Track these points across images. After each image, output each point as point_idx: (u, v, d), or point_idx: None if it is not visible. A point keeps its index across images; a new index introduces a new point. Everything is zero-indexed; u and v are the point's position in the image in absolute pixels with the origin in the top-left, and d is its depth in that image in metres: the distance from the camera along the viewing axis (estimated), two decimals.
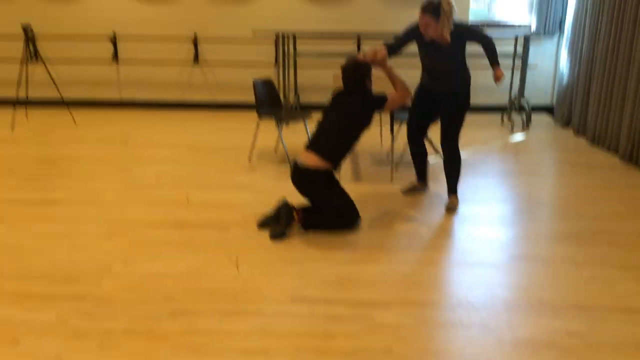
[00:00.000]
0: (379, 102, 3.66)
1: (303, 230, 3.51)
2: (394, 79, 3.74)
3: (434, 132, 4.91)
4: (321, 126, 3.59)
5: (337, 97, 3.70)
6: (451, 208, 3.90)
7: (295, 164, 3.51)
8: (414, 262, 3.13)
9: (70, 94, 7.28)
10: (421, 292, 2.83)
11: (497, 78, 3.57)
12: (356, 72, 3.61)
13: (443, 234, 3.52)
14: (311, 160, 3.45)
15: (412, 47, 3.80)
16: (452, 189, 3.94)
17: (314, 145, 3.50)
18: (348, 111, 3.57)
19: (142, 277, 2.94)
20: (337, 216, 3.54)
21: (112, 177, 4.55)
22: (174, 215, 3.78)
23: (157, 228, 3.57)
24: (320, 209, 3.56)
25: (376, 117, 6.88)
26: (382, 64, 3.65)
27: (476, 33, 3.58)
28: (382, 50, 3.60)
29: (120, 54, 7.15)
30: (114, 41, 7.06)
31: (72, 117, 6.70)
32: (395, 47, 3.68)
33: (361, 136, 3.63)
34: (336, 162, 3.53)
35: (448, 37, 3.49)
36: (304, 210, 3.52)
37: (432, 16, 3.44)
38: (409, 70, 4.80)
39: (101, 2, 6.95)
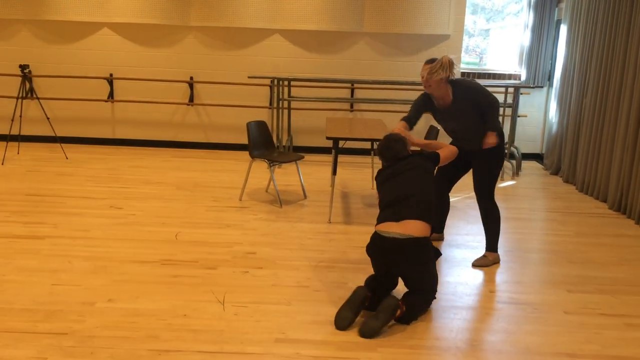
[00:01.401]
0: (436, 159, 3.33)
1: (404, 325, 2.91)
2: (431, 145, 3.56)
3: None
4: (395, 193, 3.08)
5: (390, 167, 3.24)
6: (481, 264, 3.73)
7: (387, 238, 2.92)
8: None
9: (64, 131, 7.31)
10: (408, 335, 2.79)
11: (486, 143, 3.58)
12: (399, 140, 3.29)
13: None
14: (413, 228, 2.91)
15: None
16: (491, 246, 3.78)
17: (402, 212, 2.97)
18: (418, 170, 3.16)
19: (126, 314, 2.88)
20: (431, 293, 3.06)
21: (100, 213, 4.53)
22: (162, 252, 3.75)
23: (144, 265, 3.52)
24: (417, 290, 3.02)
25: (367, 159, 6.94)
26: (411, 142, 3.47)
27: (482, 95, 3.53)
28: (403, 129, 3.58)
29: (115, 94, 7.24)
30: (110, 81, 7.16)
31: (64, 153, 6.71)
32: (412, 119, 3.71)
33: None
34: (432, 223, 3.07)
35: (450, 94, 3.52)
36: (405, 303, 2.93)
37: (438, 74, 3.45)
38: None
39: (100, 45, 7.08)
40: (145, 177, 5.73)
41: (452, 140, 3.83)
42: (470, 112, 3.56)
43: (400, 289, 3.20)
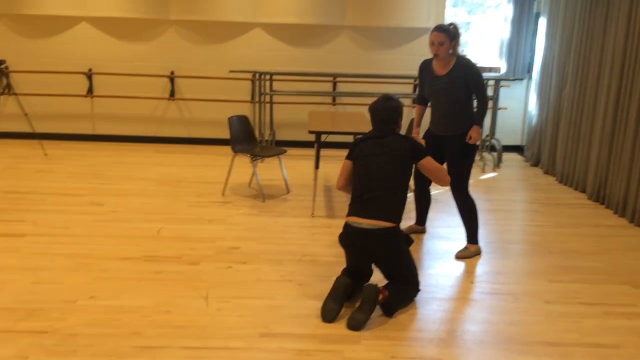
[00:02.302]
0: (421, 156, 3.14)
1: (387, 316, 2.93)
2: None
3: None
4: (366, 182, 3.04)
5: (371, 139, 3.15)
6: (464, 256, 3.77)
7: (356, 227, 2.97)
8: None
9: (42, 127, 7.20)
10: (391, 327, 2.81)
11: (471, 137, 3.63)
12: (397, 108, 3.15)
13: None
14: (380, 220, 2.93)
15: None
16: (471, 238, 3.81)
17: (370, 210, 2.96)
18: (395, 162, 3.04)
19: (108, 311, 2.86)
20: (413, 284, 3.09)
21: (81, 210, 4.47)
22: (144, 248, 3.72)
23: (126, 261, 3.50)
24: (396, 278, 3.06)
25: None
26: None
27: (478, 84, 3.62)
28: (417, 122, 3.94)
29: (95, 89, 7.14)
30: (89, 76, 7.06)
31: (43, 149, 6.62)
32: (423, 97, 3.91)
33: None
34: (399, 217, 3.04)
35: (451, 63, 3.61)
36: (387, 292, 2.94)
37: (447, 35, 3.55)
38: None
39: (79, 40, 6.97)
40: (126, 174, 5.67)
41: (430, 122, 3.86)
42: (461, 88, 3.62)
43: (378, 279, 3.22)
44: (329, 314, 2.84)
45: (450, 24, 3.62)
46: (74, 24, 6.95)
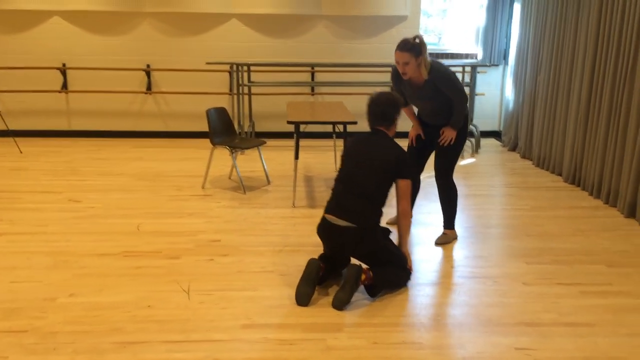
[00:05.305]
0: (405, 175, 3.08)
1: (370, 297, 3.00)
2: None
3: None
4: (348, 182, 3.04)
5: (362, 140, 3.14)
6: (443, 242, 3.79)
7: (333, 224, 2.99)
8: None
9: (17, 124, 7.07)
10: (373, 313, 2.84)
11: (443, 136, 3.60)
12: (395, 104, 3.13)
13: None
14: (355, 221, 2.96)
15: None
16: (448, 224, 3.84)
17: (345, 212, 2.98)
18: (379, 170, 3.02)
19: (88, 308, 2.84)
20: (403, 269, 3.11)
21: (58, 207, 4.42)
22: (123, 244, 3.69)
23: (105, 258, 3.47)
24: (380, 266, 3.06)
25: (329, 142, 6.96)
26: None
27: (450, 90, 3.50)
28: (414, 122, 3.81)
29: (69, 84, 7.03)
30: (63, 71, 6.94)
31: (18, 147, 6.51)
32: (404, 97, 3.74)
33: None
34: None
35: (425, 75, 3.46)
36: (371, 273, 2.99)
37: (411, 54, 3.38)
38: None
39: (51, 34, 6.84)
40: (104, 169, 5.61)
41: (418, 112, 3.85)
42: (440, 95, 3.55)
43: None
44: (303, 298, 2.89)
45: (415, 37, 3.44)
46: (46, 19, 6.82)
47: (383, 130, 3.13)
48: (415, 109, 3.90)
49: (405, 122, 7.05)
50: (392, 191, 3.11)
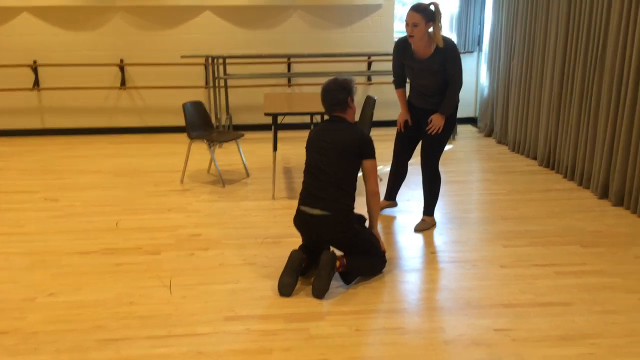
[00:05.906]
0: (371, 153, 3.11)
1: (345, 284, 3.05)
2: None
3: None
4: (315, 173, 3.06)
5: (322, 129, 3.14)
6: (423, 228, 3.83)
7: (308, 214, 3.04)
8: None
9: None
10: (355, 301, 2.87)
11: (431, 124, 3.62)
12: (345, 88, 3.10)
13: None
14: (329, 209, 3.00)
15: None
16: (428, 211, 3.88)
17: (318, 202, 3.01)
18: (343, 155, 3.03)
19: (69, 307, 2.82)
20: (377, 256, 3.16)
21: (35, 206, 4.36)
22: (103, 241, 3.67)
23: (85, 256, 3.44)
24: (355, 254, 3.11)
25: (307, 134, 6.96)
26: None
27: (454, 70, 3.51)
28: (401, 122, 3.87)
29: (41, 81, 6.90)
30: (34, 68, 6.82)
31: None
32: (399, 78, 3.78)
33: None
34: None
35: (441, 43, 3.44)
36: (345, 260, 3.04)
37: (422, 16, 3.38)
38: None
39: (21, 31, 6.70)
40: (80, 167, 5.54)
41: (409, 97, 3.85)
42: (442, 73, 3.55)
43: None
44: (285, 289, 2.92)
45: (431, 3, 3.43)
46: (14, 15, 6.67)
47: (340, 115, 3.14)
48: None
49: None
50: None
